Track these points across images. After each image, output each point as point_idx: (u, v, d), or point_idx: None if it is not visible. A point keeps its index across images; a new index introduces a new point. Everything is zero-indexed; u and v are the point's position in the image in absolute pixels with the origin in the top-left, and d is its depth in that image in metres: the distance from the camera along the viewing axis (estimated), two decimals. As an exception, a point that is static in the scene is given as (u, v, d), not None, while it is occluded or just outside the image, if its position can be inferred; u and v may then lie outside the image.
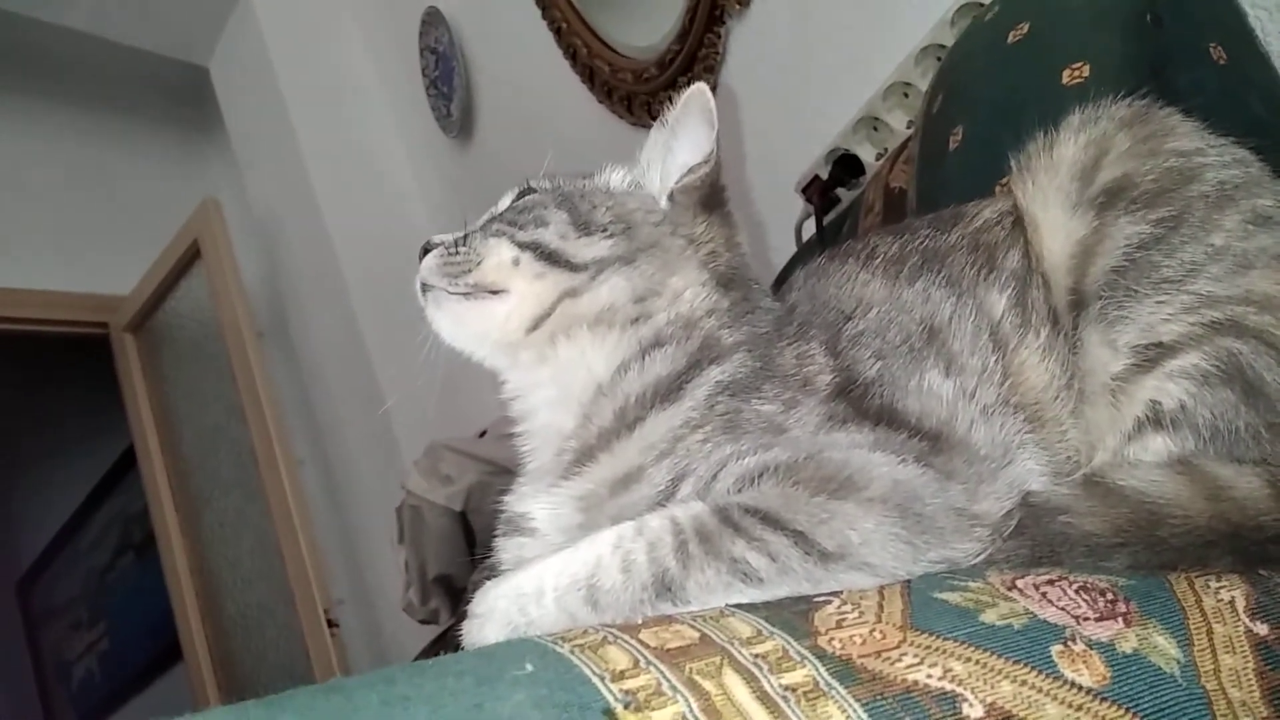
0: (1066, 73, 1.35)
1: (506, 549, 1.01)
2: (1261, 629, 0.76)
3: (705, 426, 0.93)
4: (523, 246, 1.05)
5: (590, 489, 0.95)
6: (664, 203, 1.11)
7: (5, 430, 5.65)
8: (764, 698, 0.61)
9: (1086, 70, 1.33)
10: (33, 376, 5.29)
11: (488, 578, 1.09)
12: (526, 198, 1.13)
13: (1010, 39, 1.45)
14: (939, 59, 1.92)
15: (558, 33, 3.15)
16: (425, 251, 1.08)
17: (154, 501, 4.59)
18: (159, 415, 4.62)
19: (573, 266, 1.04)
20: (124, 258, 4.57)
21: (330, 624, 3.86)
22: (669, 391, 0.96)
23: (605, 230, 1.07)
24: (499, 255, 1.05)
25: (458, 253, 1.06)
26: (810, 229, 2.28)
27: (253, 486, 4.12)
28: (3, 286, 4.35)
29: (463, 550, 2.89)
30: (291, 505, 3.94)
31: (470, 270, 1.05)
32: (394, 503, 3.09)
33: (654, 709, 0.59)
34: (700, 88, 1.10)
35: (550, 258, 1.04)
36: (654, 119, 1.12)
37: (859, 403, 0.95)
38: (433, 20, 3.71)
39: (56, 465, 6.04)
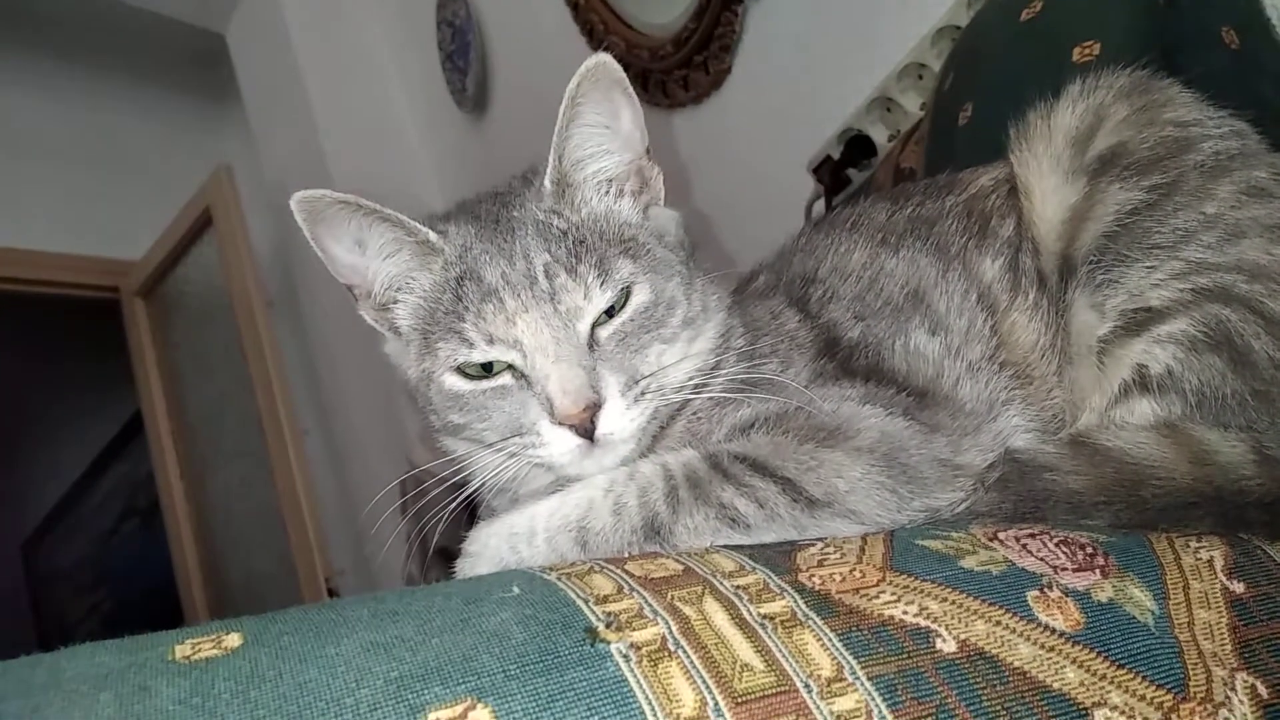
0: (1077, 51, 1.34)
1: None
2: (1238, 587, 0.77)
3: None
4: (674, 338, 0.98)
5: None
6: (638, 216, 1.04)
7: (14, 392, 5.69)
8: (742, 624, 0.62)
9: (1097, 48, 1.33)
10: (43, 339, 5.31)
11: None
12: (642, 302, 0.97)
13: (1023, 16, 1.45)
14: (954, 40, 1.92)
15: (575, 8, 3.14)
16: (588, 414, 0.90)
17: (159, 467, 4.62)
18: (167, 381, 4.65)
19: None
20: (136, 223, 4.59)
21: (331, 594, 3.89)
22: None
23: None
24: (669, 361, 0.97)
25: (645, 393, 0.93)
26: (821, 209, 2.28)
27: (258, 455, 4.15)
28: (14, 248, 4.38)
29: (465, 524, 2.90)
30: (295, 474, 3.97)
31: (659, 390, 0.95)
32: (397, 474, 3.10)
33: (634, 629, 0.61)
34: (602, 60, 0.99)
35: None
36: (668, 98, 1.03)
37: (846, 362, 0.98)
38: (451, -7, 3.71)
39: (64, 428, 6.08)
